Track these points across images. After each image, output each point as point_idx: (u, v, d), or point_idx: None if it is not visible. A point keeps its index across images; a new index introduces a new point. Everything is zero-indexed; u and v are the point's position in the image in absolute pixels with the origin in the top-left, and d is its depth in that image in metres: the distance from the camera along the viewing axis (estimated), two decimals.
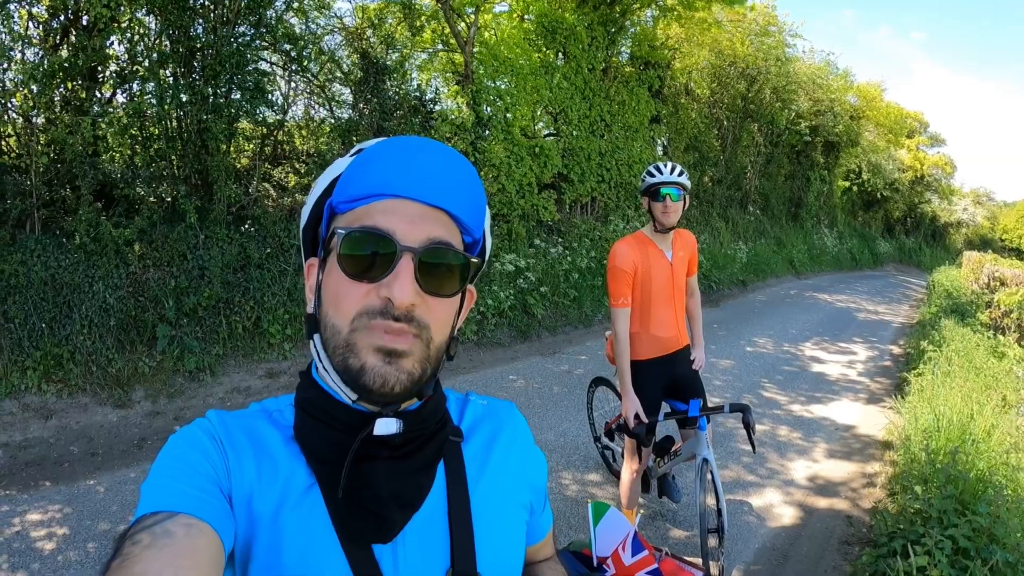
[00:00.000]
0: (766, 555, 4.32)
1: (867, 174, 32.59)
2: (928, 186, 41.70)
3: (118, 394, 5.95)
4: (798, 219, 24.94)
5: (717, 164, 19.27)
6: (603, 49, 13.58)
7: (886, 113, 30.52)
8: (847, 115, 25.50)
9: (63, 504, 4.39)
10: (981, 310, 13.67)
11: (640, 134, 14.74)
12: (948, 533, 3.69)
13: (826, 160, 26.68)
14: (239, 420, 0.91)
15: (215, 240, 7.16)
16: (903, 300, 18.77)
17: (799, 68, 22.12)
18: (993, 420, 5.60)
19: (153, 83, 6.99)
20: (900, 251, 36.17)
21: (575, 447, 5.65)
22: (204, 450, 0.84)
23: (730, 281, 16.05)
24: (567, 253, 11.74)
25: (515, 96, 11.29)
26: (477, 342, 8.87)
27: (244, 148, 9.25)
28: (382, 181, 0.84)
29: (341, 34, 10.44)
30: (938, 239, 46.61)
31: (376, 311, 0.81)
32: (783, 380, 8.46)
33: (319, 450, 0.87)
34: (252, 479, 0.85)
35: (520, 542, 1.02)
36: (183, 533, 0.72)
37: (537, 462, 1.09)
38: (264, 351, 7.11)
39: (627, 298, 3.56)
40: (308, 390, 0.92)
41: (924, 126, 42.32)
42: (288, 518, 0.84)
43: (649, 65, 15.11)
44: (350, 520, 0.84)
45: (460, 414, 1.05)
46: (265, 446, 0.88)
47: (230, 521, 0.80)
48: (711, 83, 19.10)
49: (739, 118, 20.08)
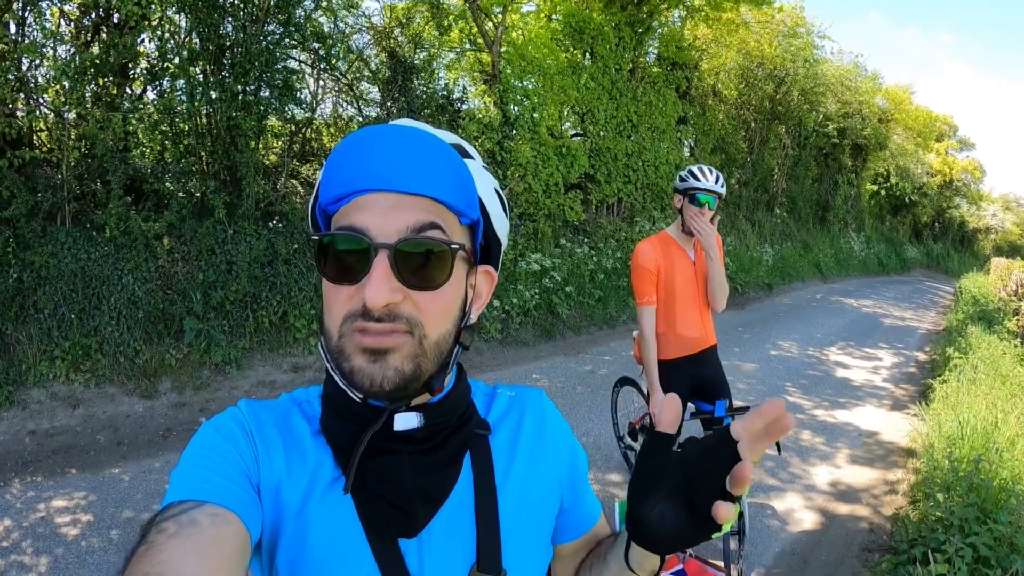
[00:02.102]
0: (786, 559, 4.30)
1: (895, 178, 32.28)
2: (957, 191, 41.33)
3: (145, 385, 6.02)
4: (825, 222, 24.76)
5: (744, 166, 19.19)
6: (630, 50, 13.55)
7: (915, 116, 30.29)
8: (875, 118, 25.37)
9: (88, 492, 4.45)
10: (1009, 317, 13.51)
11: (667, 135, 14.71)
12: (969, 541, 3.66)
13: (854, 163, 26.49)
14: (270, 411, 0.91)
15: (243, 235, 7.21)
16: (930, 306, 18.56)
17: (827, 70, 22.00)
18: (1018, 429, 5.54)
19: (183, 80, 7.06)
20: (928, 256, 35.79)
21: (597, 447, 5.65)
22: (234, 440, 0.84)
23: (756, 284, 15.95)
24: (593, 253, 11.73)
25: (542, 96, 11.27)
26: (502, 340, 8.88)
27: (272, 145, 9.32)
28: (354, 177, 0.81)
29: (369, 33, 10.53)
30: (966, 245, 46.14)
31: (357, 314, 0.79)
32: (807, 384, 8.40)
33: (343, 443, 0.87)
34: (281, 470, 0.85)
35: (547, 535, 1.00)
36: (209, 523, 0.72)
37: (569, 451, 1.06)
38: (290, 345, 7.16)
39: (652, 296, 3.55)
40: (330, 384, 0.91)
41: (953, 130, 41.84)
42: (315, 509, 0.84)
43: (676, 66, 15.08)
44: (375, 514, 0.84)
45: (488, 407, 1.04)
46: (294, 437, 0.88)
47: (257, 511, 0.80)
48: (739, 84, 19.05)
49: (766, 120, 19.99)
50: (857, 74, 23.84)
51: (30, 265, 5.94)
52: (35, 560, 3.67)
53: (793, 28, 18.81)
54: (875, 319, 14.72)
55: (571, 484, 1.05)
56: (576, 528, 1.08)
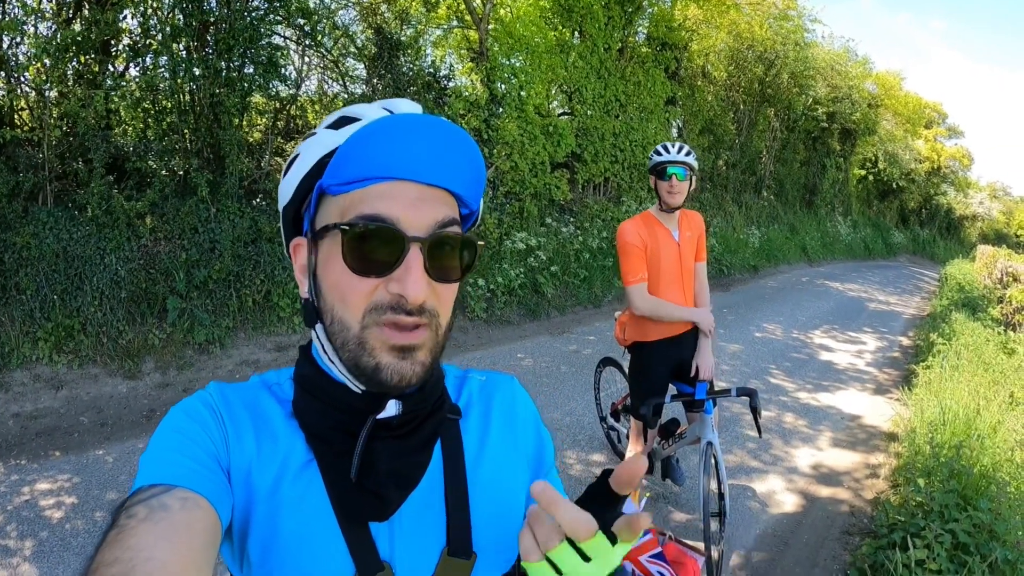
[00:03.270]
0: (767, 541, 4.32)
1: (883, 163, 32.40)
2: (944, 178, 41.61)
3: (128, 365, 5.98)
4: (812, 206, 24.90)
5: (732, 148, 19.20)
6: (620, 29, 13.51)
7: (904, 102, 30.40)
8: (865, 103, 25.33)
9: (72, 474, 4.42)
10: (993, 305, 13.69)
11: (655, 115, 14.71)
12: (948, 527, 3.70)
13: (842, 147, 26.59)
14: (240, 392, 0.91)
15: (226, 214, 7.15)
16: (915, 292, 18.66)
17: (817, 53, 21.94)
18: (1000, 416, 5.60)
19: (166, 57, 6.98)
20: (914, 242, 36.04)
21: (580, 427, 5.66)
22: (203, 422, 0.84)
23: (742, 266, 16.03)
24: (579, 233, 11.74)
25: (530, 74, 11.23)
26: (486, 319, 8.89)
27: (256, 122, 9.27)
28: (380, 164, 0.79)
29: (355, 9, 10.47)
30: (952, 232, 46.44)
31: (386, 306, 0.79)
32: (791, 367, 8.44)
33: (317, 428, 0.86)
34: (251, 452, 0.84)
35: (517, 519, 0.99)
36: (179, 507, 0.72)
37: (538, 436, 1.06)
38: (274, 324, 7.13)
39: (643, 273, 3.53)
40: (306, 367, 0.91)
41: (943, 117, 42.06)
42: (286, 493, 0.83)
43: (666, 46, 15.04)
44: (347, 498, 0.84)
45: (459, 391, 1.04)
46: (265, 419, 0.88)
47: (227, 495, 0.80)
48: (728, 66, 19.03)
49: (755, 102, 20.00)
50: (848, 59, 23.80)
51: (11, 246, 5.86)
52: (20, 544, 3.65)
53: (784, 11, 18.70)
54: (860, 303, 14.82)
55: (540, 468, 1.05)
56: None
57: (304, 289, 0.88)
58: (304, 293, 0.88)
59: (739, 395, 3.32)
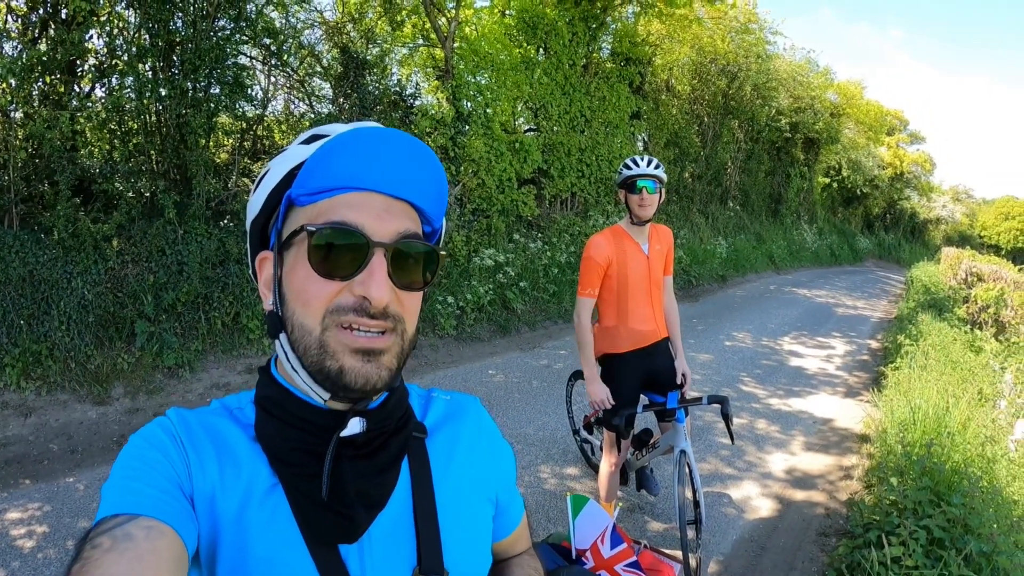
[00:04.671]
0: (744, 546, 4.36)
1: (847, 171, 32.93)
2: (907, 183, 42.17)
3: (97, 391, 5.92)
4: (778, 215, 25.11)
5: (697, 160, 19.33)
6: (584, 45, 13.61)
7: (866, 111, 30.76)
8: (827, 112, 25.72)
9: (43, 502, 4.35)
10: (959, 305, 13.74)
11: (620, 130, 14.80)
12: (923, 524, 3.73)
13: (806, 157, 26.91)
14: (200, 418, 0.89)
15: (194, 235, 7.12)
16: (882, 295, 18.89)
17: (779, 65, 22.26)
18: (969, 413, 5.65)
19: (132, 77, 6.93)
20: (879, 247, 36.50)
21: (554, 440, 5.67)
22: (164, 450, 0.83)
23: (709, 276, 16.10)
24: (547, 248, 11.76)
25: (495, 91, 11.30)
26: (456, 336, 8.87)
27: (223, 143, 9.25)
28: (348, 174, 0.82)
29: (321, 28, 10.41)
30: (917, 235, 47.08)
31: (348, 308, 0.81)
32: (762, 374, 8.54)
33: (280, 450, 0.86)
34: (214, 478, 0.84)
35: (487, 536, 1.02)
36: (144, 536, 0.71)
37: (503, 455, 1.08)
38: (243, 347, 7.09)
39: (594, 289, 3.61)
40: (268, 387, 0.91)
41: (904, 124, 42.75)
42: (252, 518, 0.83)
43: (630, 61, 15.17)
44: (315, 520, 0.84)
45: (424, 410, 1.04)
46: (227, 445, 0.87)
47: (192, 522, 0.79)
48: (692, 79, 19.20)
49: (719, 114, 20.18)
50: (809, 69, 24.14)
51: None
52: None
53: (746, 24, 18.97)
54: (828, 309, 14.97)
55: (505, 485, 1.08)
56: (507, 527, 1.11)
57: (268, 301, 0.89)
58: (268, 305, 0.89)
59: (710, 403, 3.36)
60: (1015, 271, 15.91)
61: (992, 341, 10.63)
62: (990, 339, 10.72)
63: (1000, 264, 18.71)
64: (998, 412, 6.41)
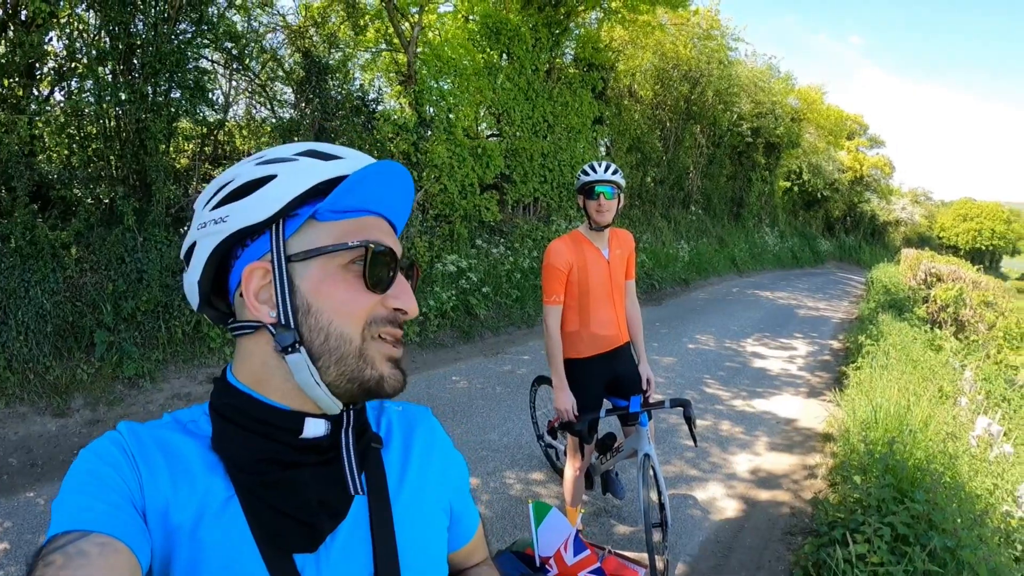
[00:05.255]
0: (711, 548, 4.39)
1: (807, 175, 33.32)
2: (867, 186, 42.76)
3: (57, 403, 5.79)
4: (740, 218, 25.37)
5: (659, 165, 19.46)
6: (547, 50, 13.68)
7: (826, 115, 31.25)
8: (788, 117, 26.06)
9: (3, 518, 4.25)
10: (918, 305, 13.94)
11: (583, 135, 14.87)
12: (887, 520, 3.77)
13: (767, 161, 27.18)
14: (152, 432, 0.87)
15: (154, 242, 7.01)
16: (843, 297, 19.12)
17: (741, 71, 22.53)
18: (930, 411, 5.71)
19: (92, 81, 6.84)
20: (840, 249, 36.99)
21: (519, 446, 5.69)
22: (116, 464, 0.82)
23: (672, 280, 16.18)
24: (509, 253, 11.79)
25: (458, 97, 11.31)
26: (420, 343, 8.83)
27: (184, 148, 9.13)
28: (377, 200, 0.91)
29: (283, 32, 10.34)
30: (877, 237, 47.70)
31: (385, 320, 0.88)
32: (725, 376, 8.62)
33: (241, 458, 0.85)
34: (167, 492, 0.82)
35: (442, 547, 1.03)
36: (97, 552, 0.70)
37: (456, 465, 1.10)
38: (204, 356, 6.98)
39: (559, 295, 3.63)
40: (230, 396, 0.89)
41: (864, 128, 43.45)
42: (207, 532, 0.82)
43: (593, 67, 15.25)
44: (276, 529, 0.83)
45: (377, 421, 1.05)
46: (180, 458, 0.85)
47: (145, 538, 0.78)
48: (654, 85, 19.33)
49: (682, 119, 20.34)
50: (770, 75, 24.46)
51: None
52: None
53: (708, 31, 19.17)
54: (790, 310, 15.12)
55: (459, 495, 1.09)
56: (463, 537, 1.13)
57: (266, 313, 0.86)
58: (268, 318, 0.86)
59: (673, 406, 3.39)
60: (973, 271, 16.20)
61: (952, 339, 10.84)
62: (950, 338, 10.93)
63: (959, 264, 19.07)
64: (959, 409, 6.48)
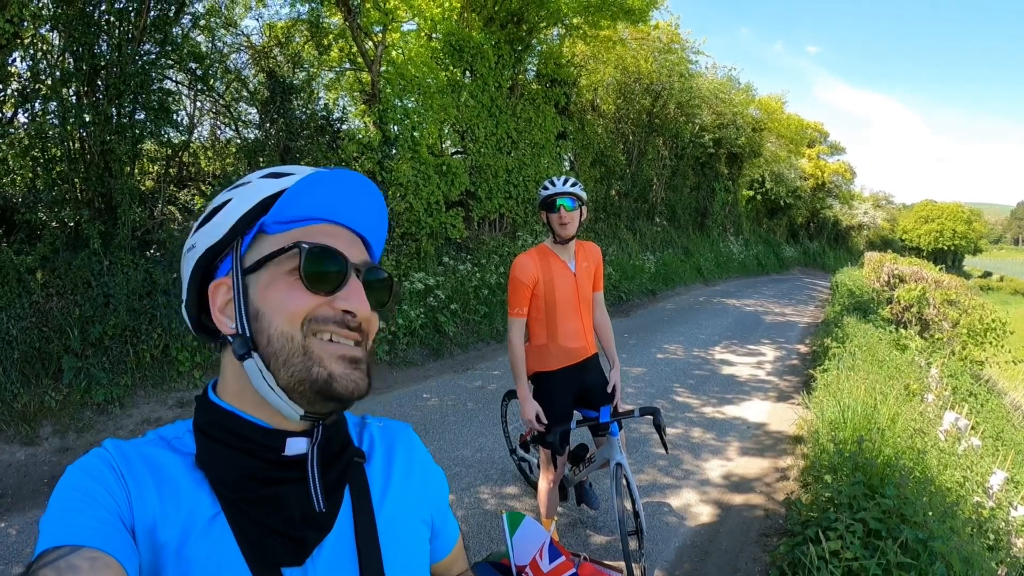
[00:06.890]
0: (687, 553, 4.44)
1: (770, 183, 33.82)
2: (829, 192, 43.46)
3: (25, 430, 5.69)
4: (704, 228, 25.62)
5: (623, 177, 19.64)
6: (510, 67, 13.78)
7: (787, 124, 31.64)
8: (749, 127, 26.44)
9: None
10: (883, 306, 14.14)
11: (547, 150, 15.00)
12: (859, 517, 3.82)
13: (730, 171, 27.61)
14: (138, 448, 0.88)
15: (120, 266, 6.94)
16: (809, 301, 19.36)
17: (702, 83, 22.84)
18: (897, 408, 5.78)
19: (56, 102, 6.82)
20: (805, 255, 37.46)
21: (492, 461, 5.70)
22: (104, 480, 0.82)
23: (639, 291, 16.28)
24: (476, 270, 11.80)
25: (422, 115, 11.34)
26: (389, 362, 8.79)
27: (149, 170, 9.10)
28: (323, 207, 0.91)
29: (248, 52, 10.39)
30: (841, 242, 48.44)
31: (328, 319, 0.87)
32: (694, 384, 8.70)
33: (226, 476, 0.86)
34: (154, 509, 0.83)
35: (425, 558, 1.05)
36: (88, 567, 0.70)
37: (436, 478, 1.13)
38: (174, 380, 6.89)
39: (523, 308, 3.68)
40: (211, 413, 0.91)
41: (824, 136, 44.24)
42: (194, 549, 0.82)
43: (555, 82, 15.41)
44: (263, 544, 0.84)
45: (359, 436, 1.07)
46: (166, 474, 0.86)
47: (134, 553, 0.78)
48: (616, 99, 19.56)
49: (644, 132, 20.58)
50: (731, 87, 24.81)
51: None
52: None
53: (668, 45, 19.39)
54: (757, 317, 15.31)
55: (439, 508, 1.12)
56: (443, 549, 1.16)
57: (229, 325, 0.90)
58: (229, 329, 0.90)
59: (643, 415, 3.40)
60: (936, 271, 16.43)
61: (917, 338, 11.02)
62: (915, 337, 11.11)
63: (921, 265, 19.26)
64: (926, 405, 6.66)
